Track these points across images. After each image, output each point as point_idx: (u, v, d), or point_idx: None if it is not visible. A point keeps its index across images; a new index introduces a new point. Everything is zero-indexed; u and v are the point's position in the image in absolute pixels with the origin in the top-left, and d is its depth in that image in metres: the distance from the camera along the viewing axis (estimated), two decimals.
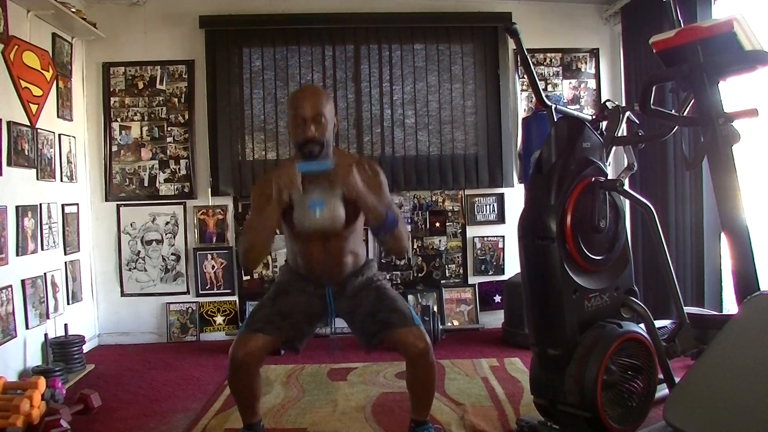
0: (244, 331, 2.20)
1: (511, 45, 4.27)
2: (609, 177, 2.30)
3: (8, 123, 3.21)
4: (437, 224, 4.42)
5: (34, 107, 3.46)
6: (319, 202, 2.10)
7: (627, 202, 2.40)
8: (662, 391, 2.32)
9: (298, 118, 2.14)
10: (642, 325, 2.29)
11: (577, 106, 4.41)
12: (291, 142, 2.24)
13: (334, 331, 2.39)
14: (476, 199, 4.44)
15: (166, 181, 4.31)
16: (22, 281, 3.31)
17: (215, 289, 4.32)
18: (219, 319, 4.29)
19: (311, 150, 2.14)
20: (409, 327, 2.15)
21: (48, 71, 3.61)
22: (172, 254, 4.31)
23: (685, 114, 2.35)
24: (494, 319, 4.32)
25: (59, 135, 3.81)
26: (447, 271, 4.43)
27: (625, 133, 2.54)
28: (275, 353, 2.24)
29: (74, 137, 4.04)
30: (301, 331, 2.27)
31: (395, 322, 2.16)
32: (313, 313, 2.29)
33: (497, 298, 4.37)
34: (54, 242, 3.68)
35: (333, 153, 2.25)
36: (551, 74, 4.46)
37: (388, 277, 2.40)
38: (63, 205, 3.83)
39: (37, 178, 3.52)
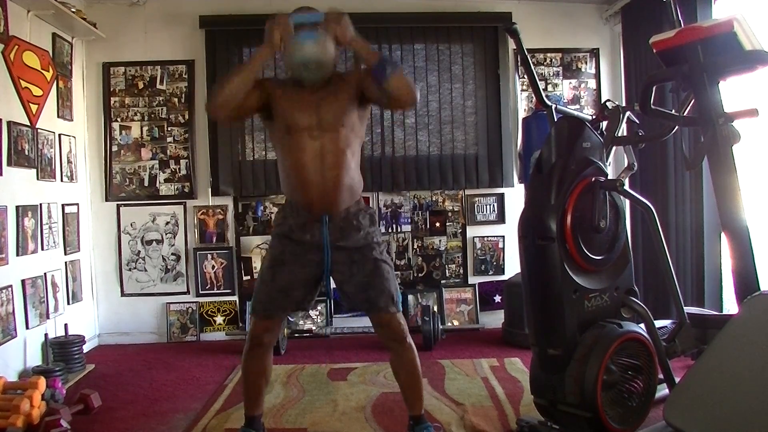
0: (254, 318, 2.28)
1: (511, 45, 4.26)
2: (609, 177, 2.30)
3: (8, 123, 3.21)
4: (437, 224, 4.42)
5: (34, 107, 3.46)
6: (310, 35, 2.10)
7: (627, 202, 2.40)
8: (662, 391, 2.32)
9: None
10: (642, 325, 2.29)
11: (577, 106, 4.41)
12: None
13: (328, 270, 2.29)
14: (476, 199, 4.44)
15: (166, 181, 4.31)
16: (22, 281, 3.30)
17: (215, 289, 4.32)
18: (219, 319, 4.29)
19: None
20: (392, 313, 2.23)
21: (48, 71, 3.61)
22: (172, 254, 4.31)
23: (685, 114, 2.35)
24: (494, 319, 4.31)
25: (59, 135, 3.81)
26: (447, 271, 4.43)
27: (625, 133, 2.54)
28: (275, 347, 2.29)
29: (74, 137, 4.04)
30: (304, 298, 2.29)
31: (381, 305, 2.21)
32: (311, 277, 2.26)
33: (497, 298, 4.37)
34: (54, 242, 3.68)
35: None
36: (551, 74, 4.46)
37: (385, 240, 2.38)
38: (63, 205, 3.83)
39: (37, 178, 3.52)
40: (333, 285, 2.35)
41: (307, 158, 2.14)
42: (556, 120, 2.36)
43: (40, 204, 3.52)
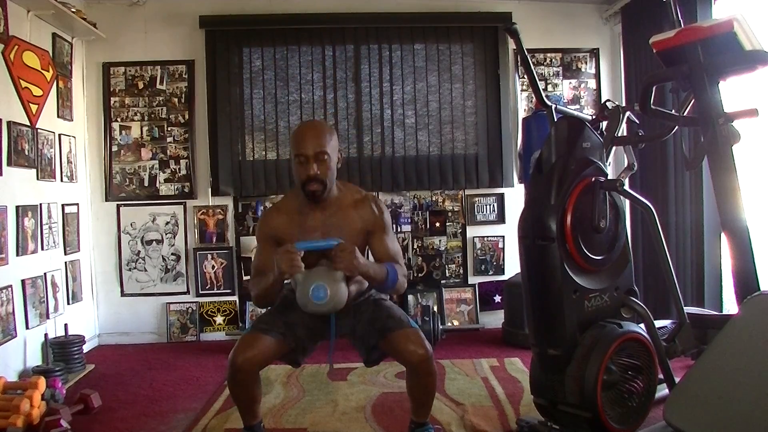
0: (248, 332, 2.18)
1: (511, 45, 4.27)
2: (609, 177, 2.30)
3: (8, 123, 3.21)
4: (437, 224, 4.42)
5: (34, 107, 3.46)
6: (321, 288, 2.07)
7: (627, 202, 2.40)
8: (662, 391, 2.32)
9: (301, 156, 2.13)
10: (642, 325, 2.29)
11: (577, 106, 4.41)
12: (295, 179, 2.22)
13: (331, 362, 2.40)
14: (476, 199, 4.44)
15: (166, 181, 4.31)
16: (22, 281, 3.31)
17: (215, 289, 4.32)
18: (219, 319, 4.29)
19: (314, 191, 2.15)
20: (405, 329, 2.14)
21: (48, 71, 3.61)
22: (172, 254, 4.31)
23: (685, 114, 2.35)
24: (494, 319, 4.32)
25: (59, 135, 3.81)
26: (447, 271, 4.43)
27: (625, 133, 2.54)
28: (278, 359, 2.24)
29: (74, 137, 4.04)
30: (303, 344, 2.24)
31: (391, 325, 2.15)
32: (315, 331, 2.26)
33: (497, 298, 4.37)
34: (54, 242, 3.68)
35: (336, 187, 2.26)
36: (551, 74, 4.46)
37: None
38: (63, 205, 3.83)
39: (37, 178, 3.52)
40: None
41: None
42: (556, 120, 2.36)
43: (40, 204, 3.52)
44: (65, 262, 3.83)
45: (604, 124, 2.53)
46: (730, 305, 3.28)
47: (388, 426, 2.59)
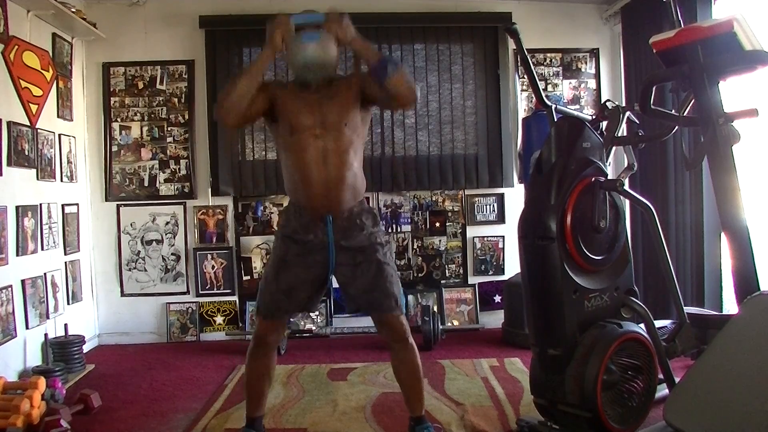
0: (259, 320, 2.29)
1: (511, 45, 4.26)
2: (609, 177, 2.30)
3: (8, 123, 3.21)
4: (437, 224, 4.42)
5: (34, 107, 3.46)
6: (312, 36, 2.13)
7: (627, 202, 2.40)
8: (662, 391, 2.32)
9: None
10: (642, 325, 2.29)
11: (577, 106, 4.41)
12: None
13: (332, 266, 2.30)
14: (476, 199, 4.44)
15: (166, 181, 4.31)
16: (22, 281, 3.30)
17: (215, 289, 4.32)
18: (219, 319, 4.29)
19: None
20: (395, 315, 2.24)
21: (48, 71, 3.61)
22: (172, 254, 4.31)
23: (685, 114, 2.35)
24: (494, 319, 4.31)
25: (59, 135, 3.81)
26: (447, 271, 4.43)
27: (625, 133, 2.54)
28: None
29: (74, 137, 4.04)
30: (309, 299, 2.30)
31: (385, 307, 2.23)
32: (315, 278, 2.27)
33: (497, 298, 4.37)
34: (54, 242, 3.68)
35: None
36: (551, 74, 4.46)
37: (388, 240, 2.38)
38: (63, 205, 3.83)
39: (37, 178, 3.52)
40: (335, 285, 2.37)
41: (310, 157, 2.15)
42: (556, 120, 2.36)
43: (40, 204, 3.52)
44: (65, 262, 3.83)
45: (604, 124, 2.53)
46: (730, 305, 3.28)
47: (388, 426, 2.59)
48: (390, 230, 4.37)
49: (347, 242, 2.22)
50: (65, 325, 3.58)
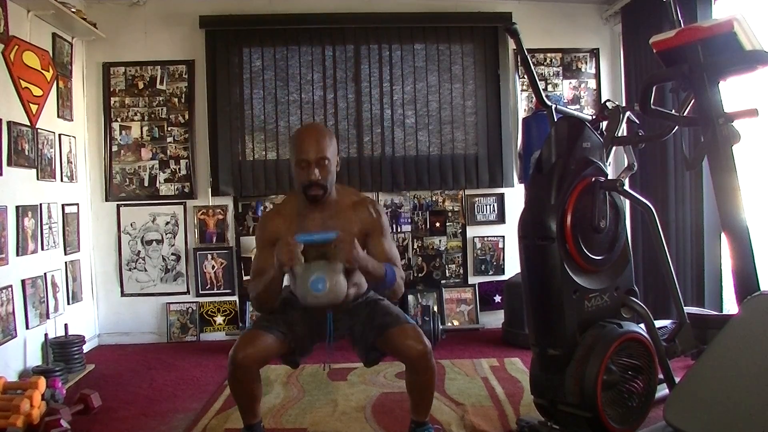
0: (249, 329, 2.21)
1: (511, 45, 4.27)
2: (609, 177, 2.30)
3: (8, 123, 3.21)
4: (437, 224, 4.42)
5: (34, 107, 3.46)
6: (320, 280, 2.07)
7: (627, 202, 2.40)
8: (662, 391, 2.32)
9: (302, 161, 2.15)
10: (642, 325, 2.29)
11: (577, 106, 4.41)
12: (295, 182, 2.25)
13: (328, 362, 2.42)
14: (476, 199, 4.44)
15: (166, 181, 4.31)
16: (22, 281, 3.31)
17: (215, 289, 4.32)
18: (219, 319, 4.29)
19: (315, 195, 2.17)
20: (402, 325, 2.16)
21: (48, 71, 3.61)
22: (172, 254, 4.31)
23: (685, 114, 2.35)
24: (494, 319, 4.32)
25: (59, 135, 3.81)
26: (447, 271, 4.43)
27: (625, 133, 2.54)
28: (278, 358, 2.25)
29: (74, 137, 4.04)
30: (303, 344, 2.27)
31: (389, 322, 2.18)
32: (314, 331, 2.28)
33: (497, 298, 4.37)
34: (54, 242, 3.68)
35: (335, 190, 2.27)
36: (551, 74, 4.46)
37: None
38: (63, 205, 3.83)
39: (37, 178, 3.52)
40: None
41: None
42: (556, 120, 2.36)
43: (40, 204, 3.52)
44: (65, 262, 3.83)
45: (604, 124, 2.53)
46: (730, 305, 3.28)
47: (388, 426, 2.59)
48: (390, 230, 4.36)
49: (345, 313, 2.29)
50: (65, 325, 3.58)
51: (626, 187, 2.26)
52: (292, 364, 2.31)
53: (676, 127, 2.42)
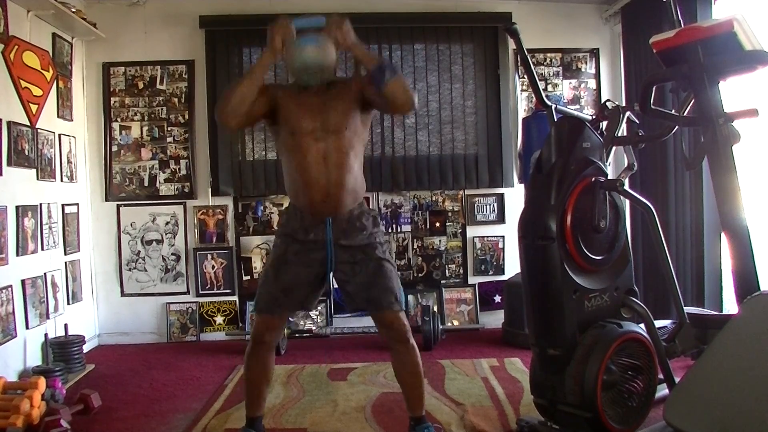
0: (257, 316, 2.30)
1: (511, 45, 4.26)
2: (609, 177, 2.30)
3: (8, 123, 3.21)
4: (437, 224, 4.42)
5: (34, 107, 3.46)
6: (311, 39, 2.14)
7: (627, 202, 2.40)
8: (662, 391, 2.32)
9: None
10: (642, 325, 2.29)
11: (577, 106, 4.41)
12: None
13: (330, 271, 2.32)
14: (476, 199, 4.43)
15: (166, 181, 4.31)
16: (22, 281, 3.30)
17: (215, 289, 4.32)
18: (219, 319, 4.29)
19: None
20: (395, 311, 2.24)
21: (48, 71, 3.61)
22: (172, 254, 4.31)
23: (685, 114, 2.36)
24: (494, 319, 4.31)
25: (59, 135, 3.81)
26: (447, 271, 4.43)
27: (625, 133, 2.54)
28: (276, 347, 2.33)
29: (74, 137, 4.04)
30: (307, 298, 2.31)
31: (384, 304, 2.22)
32: (314, 277, 2.28)
33: (497, 298, 4.37)
34: (54, 242, 3.68)
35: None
36: (551, 74, 4.46)
37: (388, 240, 2.40)
38: (63, 205, 3.83)
39: (37, 178, 3.52)
40: (335, 285, 2.36)
41: (311, 160, 2.17)
42: (556, 120, 2.36)
43: (40, 204, 3.52)
44: (65, 262, 3.83)
45: (604, 124, 2.53)
46: (730, 305, 3.28)
47: (388, 426, 2.59)
48: (390, 230, 4.37)
49: (346, 241, 2.24)
50: (65, 325, 3.58)
51: (626, 187, 2.26)
52: (306, 310, 2.58)
53: (676, 127, 2.42)
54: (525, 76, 4.29)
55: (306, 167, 2.17)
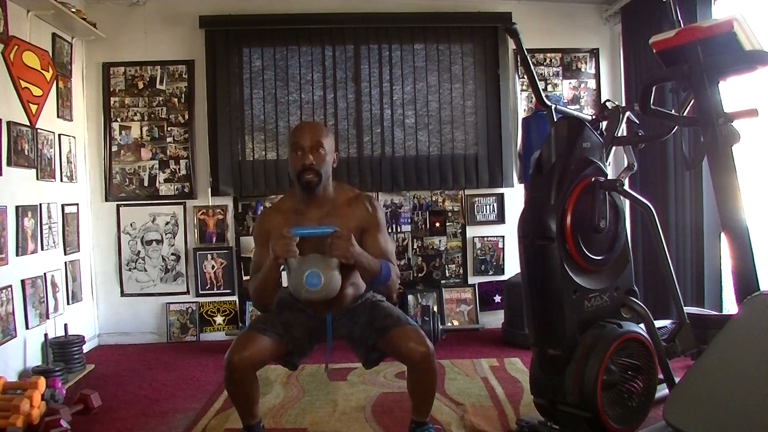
0: (245, 332, 2.20)
1: (511, 45, 4.27)
2: (609, 177, 2.30)
3: (8, 123, 3.21)
4: (437, 224, 4.42)
5: (34, 107, 3.46)
6: (315, 274, 2.07)
7: (627, 202, 2.40)
8: (662, 391, 2.32)
9: (297, 148, 2.17)
10: (642, 325, 2.29)
11: (577, 106, 4.41)
12: (291, 175, 2.25)
13: (327, 363, 2.40)
14: (476, 199, 4.44)
15: (166, 181, 4.31)
16: (22, 281, 3.30)
17: (215, 289, 4.32)
18: (219, 319, 4.29)
19: (309, 180, 2.16)
20: (403, 326, 2.15)
21: (48, 71, 3.61)
22: (172, 254, 4.31)
23: (685, 114, 2.35)
24: (494, 319, 4.32)
25: (59, 135, 3.81)
26: (447, 271, 4.43)
27: (625, 133, 2.54)
28: (275, 359, 2.25)
29: (74, 137, 4.04)
30: (301, 346, 2.27)
31: (390, 324, 2.17)
32: (313, 333, 2.29)
33: (497, 298, 4.37)
34: (54, 242, 3.68)
35: (332, 187, 2.27)
36: (551, 74, 4.46)
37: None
38: (63, 205, 3.83)
39: (37, 178, 3.52)
40: None
41: None
42: (556, 120, 2.36)
43: (40, 204, 3.52)
44: (65, 262, 3.83)
45: (604, 124, 2.53)
46: (730, 305, 3.28)
47: (388, 426, 2.59)
48: (390, 230, 4.37)
49: (344, 316, 2.29)
50: (65, 325, 3.58)
51: (626, 187, 2.26)
52: (290, 366, 2.31)
53: (676, 127, 2.42)
54: (525, 76, 4.29)
55: None
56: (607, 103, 2.52)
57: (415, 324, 2.20)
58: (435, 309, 4.13)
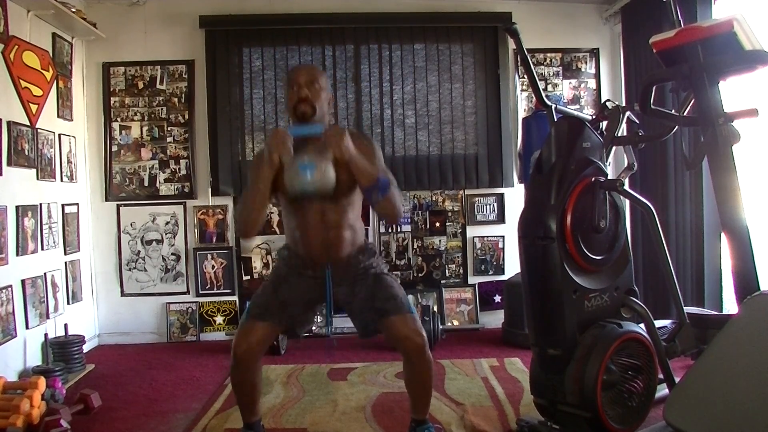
0: (246, 321, 2.24)
1: (511, 45, 4.27)
2: (609, 177, 2.30)
3: (8, 123, 3.21)
4: (437, 224, 4.42)
5: (34, 107, 3.46)
6: (309, 165, 2.08)
7: (627, 202, 2.40)
8: (662, 391, 2.32)
9: (293, 84, 2.18)
10: (642, 325, 2.29)
11: (577, 106, 4.41)
12: (287, 112, 2.26)
13: (331, 330, 2.40)
14: (476, 199, 4.44)
15: (166, 181, 4.31)
16: (22, 281, 3.31)
17: (215, 289, 4.32)
18: (219, 319, 4.29)
19: (304, 111, 2.16)
20: (404, 314, 2.18)
21: (48, 71, 3.61)
22: (172, 254, 4.31)
23: (685, 114, 2.36)
24: (494, 319, 4.32)
25: (59, 135, 3.81)
26: (447, 271, 4.43)
27: (625, 133, 2.54)
28: (275, 347, 2.26)
29: (74, 137, 4.04)
30: (301, 318, 2.30)
31: (390, 309, 2.18)
32: (312, 299, 2.30)
33: (497, 298, 4.37)
34: (54, 242, 3.68)
35: (328, 125, 2.25)
36: (551, 74, 4.46)
37: (386, 265, 2.40)
38: (63, 205, 3.83)
39: (37, 178, 3.52)
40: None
41: (309, 221, 2.21)
42: (556, 120, 2.36)
43: (40, 204, 3.52)
44: (65, 262, 3.83)
45: (604, 124, 2.53)
46: (730, 305, 3.28)
47: (388, 426, 2.59)
48: (390, 230, 4.38)
49: (345, 277, 2.27)
50: (65, 325, 3.59)
51: (626, 187, 2.26)
52: (293, 337, 2.39)
53: (676, 127, 2.42)
54: (525, 76, 4.29)
55: (305, 228, 2.22)
56: (607, 103, 2.52)
57: (413, 312, 2.23)
58: (435, 309, 4.13)
